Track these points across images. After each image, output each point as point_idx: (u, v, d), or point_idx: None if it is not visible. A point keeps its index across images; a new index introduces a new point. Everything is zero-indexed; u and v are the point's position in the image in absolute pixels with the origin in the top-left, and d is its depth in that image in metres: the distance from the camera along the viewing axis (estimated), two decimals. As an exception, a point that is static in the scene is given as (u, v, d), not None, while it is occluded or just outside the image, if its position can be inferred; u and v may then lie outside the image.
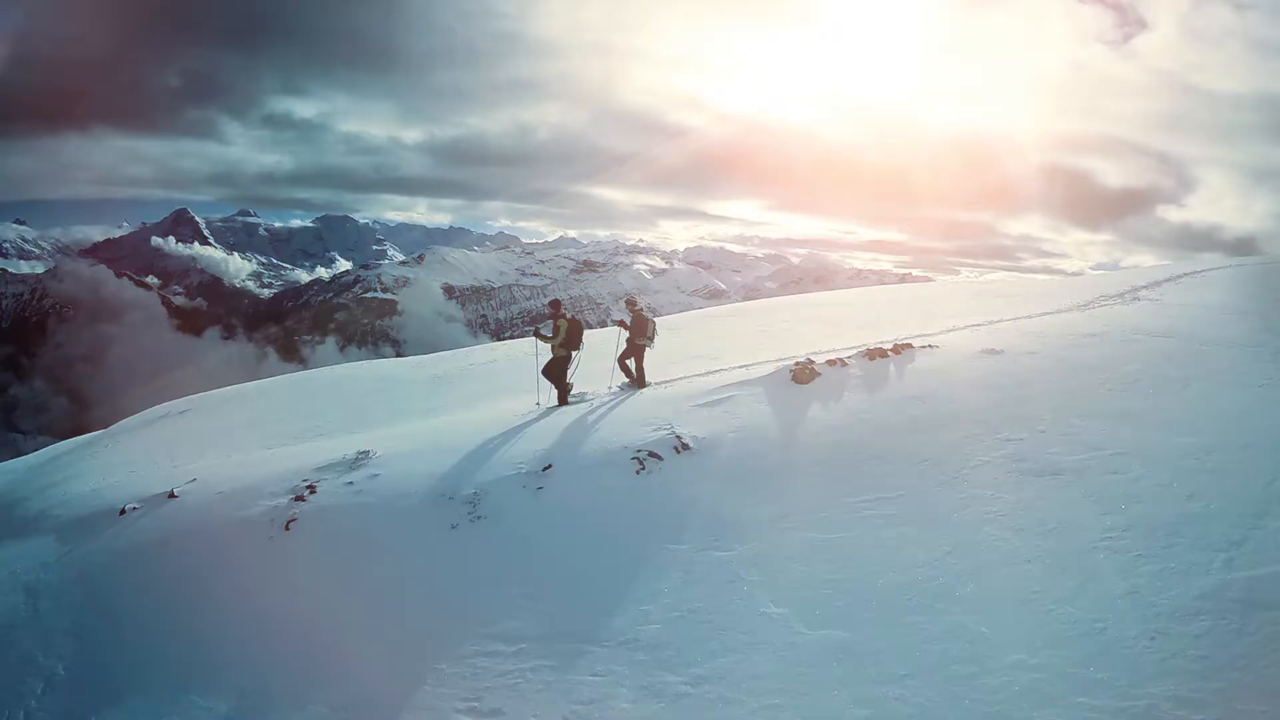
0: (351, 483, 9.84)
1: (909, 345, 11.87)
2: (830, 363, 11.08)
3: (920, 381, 10.62)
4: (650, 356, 13.64)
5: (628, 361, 13.37)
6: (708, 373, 13.12)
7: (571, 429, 10.56)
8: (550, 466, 9.18)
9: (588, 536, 8.04)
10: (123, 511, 10.43)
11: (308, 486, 9.81)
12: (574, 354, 13.04)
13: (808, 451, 8.91)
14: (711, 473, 8.71)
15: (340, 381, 22.80)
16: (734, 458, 8.94)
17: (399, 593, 7.88)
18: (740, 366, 13.03)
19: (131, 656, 7.93)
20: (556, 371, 12.92)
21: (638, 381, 13.19)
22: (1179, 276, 21.06)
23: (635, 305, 13.82)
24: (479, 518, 8.56)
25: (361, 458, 10.61)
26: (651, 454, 9.03)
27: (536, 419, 11.59)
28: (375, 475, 9.94)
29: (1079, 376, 10.82)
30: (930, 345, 12.07)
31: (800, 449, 8.99)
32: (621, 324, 13.62)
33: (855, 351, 11.67)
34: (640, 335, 13.21)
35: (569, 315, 13.13)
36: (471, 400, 16.30)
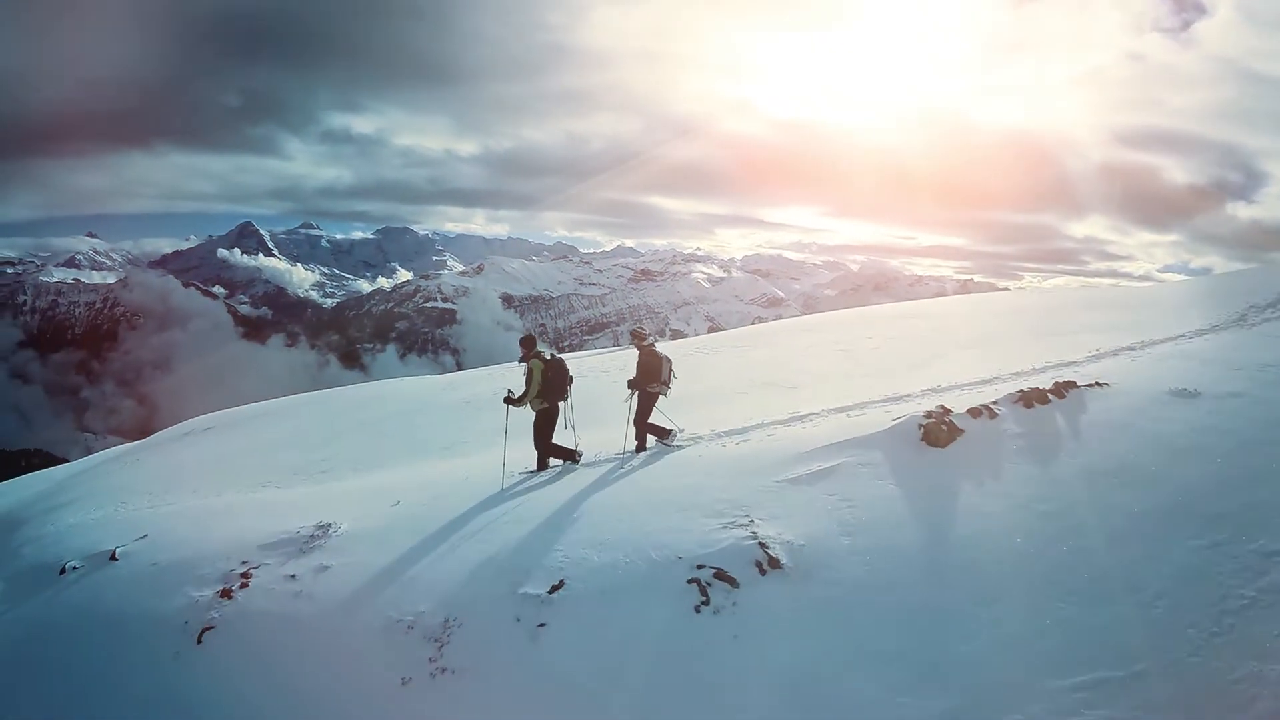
0: (294, 576, 7.31)
1: (1072, 384, 8.65)
2: (973, 412, 7.81)
3: (1108, 444, 7.37)
4: (715, 385, 10.61)
5: (647, 421, 9.84)
6: (791, 418, 9.85)
7: (599, 512, 7.31)
8: (561, 585, 5.98)
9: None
10: (63, 570, 8.94)
11: (243, 574, 7.57)
12: (561, 405, 9.69)
13: (971, 576, 5.64)
14: (820, 616, 5.44)
15: (368, 403, 20.89)
16: (855, 587, 5.62)
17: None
18: (839, 410, 9.83)
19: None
20: (539, 431, 9.62)
21: (640, 441, 9.77)
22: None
23: (643, 339, 10.12)
24: (443, 670, 5.53)
25: (319, 535, 8.08)
26: (720, 574, 5.75)
27: (551, 480, 8.68)
28: (325, 568, 7.23)
29: (1319, 434, 7.59)
30: (1098, 383, 8.82)
31: (958, 572, 5.70)
32: (633, 385, 9.86)
33: (1003, 394, 8.45)
34: (653, 379, 9.63)
35: (547, 354, 9.74)
36: (495, 434, 13.69)
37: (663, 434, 9.73)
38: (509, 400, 9.73)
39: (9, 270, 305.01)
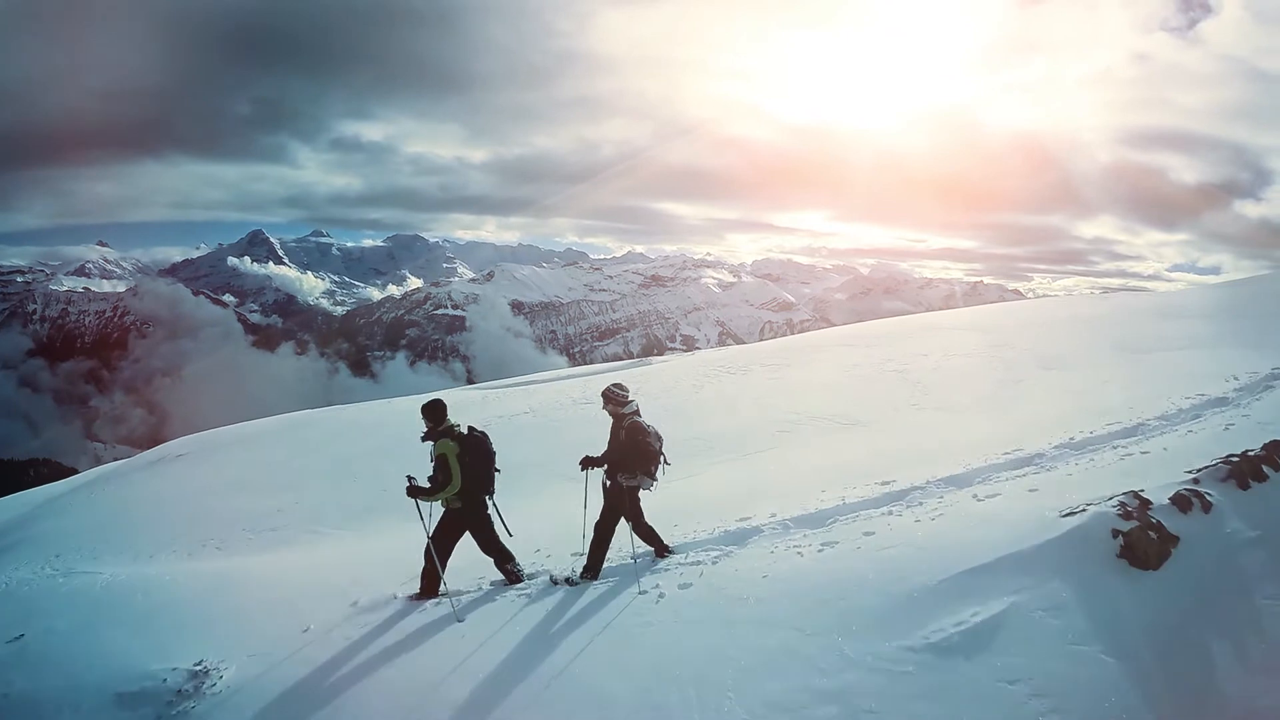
0: (132, 781, 4.73)
1: (1282, 445, 5.94)
2: (1179, 503, 4.99)
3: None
4: (751, 420, 7.91)
5: (619, 525, 6.61)
6: (885, 497, 6.80)
7: (604, 708, 4.25)
8: None
9: None
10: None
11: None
12: (488, 499, 6.66)
13: None
14: None
15: (345, 433, 18.30)
16: None
17: None
18: (950, 483, 6.87)
19: None
20: (443, 535, 6.58)
21: (656, 544, 6.68)
22: None
23: (622, 400, 6.53)
24: None
25: (190, 690, 5.53)
26: None
27: (528, 619, 5.71)
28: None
29: None
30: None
31: None
32: (587, 462, 6.61)
33: (1189, 457, 5.74)
34: (641, 463, 6.35)
35: (467, 428, 6.65)
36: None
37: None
38: (414, 492, 6.47)
39: (19, 279, 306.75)
